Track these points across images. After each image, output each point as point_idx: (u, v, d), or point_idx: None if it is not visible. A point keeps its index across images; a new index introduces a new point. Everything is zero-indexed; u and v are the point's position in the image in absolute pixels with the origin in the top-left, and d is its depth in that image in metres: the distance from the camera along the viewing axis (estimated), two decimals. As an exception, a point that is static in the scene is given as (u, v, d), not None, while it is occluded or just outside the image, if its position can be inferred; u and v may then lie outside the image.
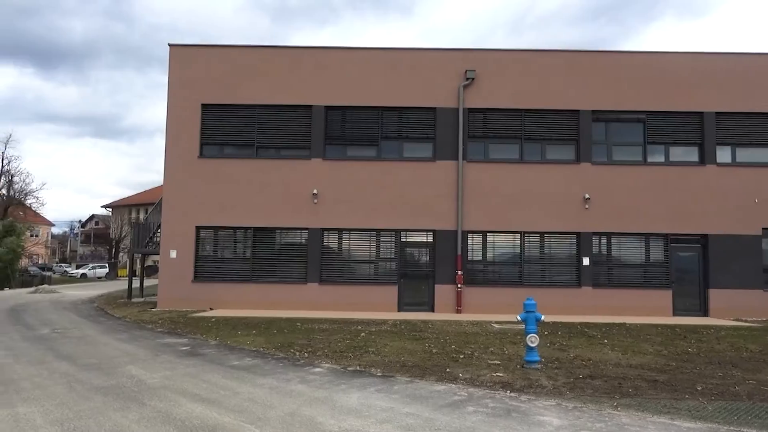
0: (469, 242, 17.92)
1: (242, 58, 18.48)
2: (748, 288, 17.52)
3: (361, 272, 17.99)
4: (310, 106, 18.23)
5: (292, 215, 17.93)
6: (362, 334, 12.32)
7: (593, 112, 18.13)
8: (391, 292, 17.67)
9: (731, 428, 5.81)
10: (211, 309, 17.29)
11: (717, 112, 18.05)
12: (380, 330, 13.04)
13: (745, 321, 16.49)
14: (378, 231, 17.96)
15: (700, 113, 18.08)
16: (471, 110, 18.13)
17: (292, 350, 10.18)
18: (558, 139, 18.22)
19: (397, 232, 17.95)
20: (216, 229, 18.19)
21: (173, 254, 17.90)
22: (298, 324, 13.94)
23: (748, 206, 17.76)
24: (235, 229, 18.22)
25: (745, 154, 18.24)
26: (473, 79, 18.04)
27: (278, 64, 18.39)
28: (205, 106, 18.32)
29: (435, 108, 18.13)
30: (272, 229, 18.13)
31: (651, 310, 17.38)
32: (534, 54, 18.51)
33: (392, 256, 17.94)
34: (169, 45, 18.60)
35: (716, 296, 17.57)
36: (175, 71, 18.41)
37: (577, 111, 18.11)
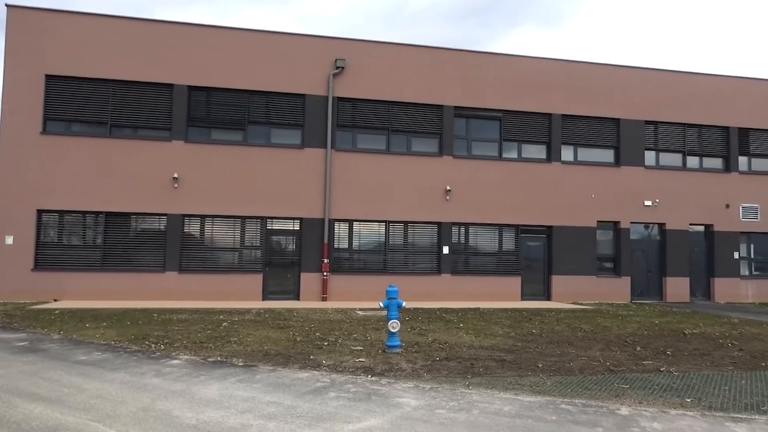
0: (336, 230, 18.08)
1: (96, 28, 17.00)
2: (585, 274, 19.50)
3: (224, 260, 17.45)
4: (171, 85, 17.25)
5: (150, 200, 16.90)
6: (224, 323, 11.99)
7: (456, 107, 19.04)
8: (255, 281, 17.34)
9: (565, 399, 6.46)
10: (55, 300, 15.84)
11: (563, 114, 19.78)
12: (243, 319, 12.77)
13: (581, 304, 18.33)
14: (243, 218, 17.51)
15: (549, 114, 19.70)
16: (340, 99, 18.24)
17: (147, 342, 9.64)
18: (423, 132, 18.93)
19: (263, 220, 17.63)
20: (62, 213, 16.64)
21: (9, 240, 16.13)
22: (155, 315, 13.22)
23: (587, 201, 19.71)
24: (84, 213, 16.79)
25: (585, 154, 20.18)
26: (343, 68, 18.14)
27: (138, 38, 17.16)
28: (50, 78, 16.62)
29: (304, 95, 17.99)
30: (127, 215, 16.96)
31: (503, 295, 18.73)
32: (403, 48, 19.00)
33: (257, 244, 17.59)
34: (7, 6, 16.62)
35: (558, 282, 19.34)
36: (13, 36, 16.50)
37: (441, 106, 18.92)
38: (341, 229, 18.17)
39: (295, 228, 17.89)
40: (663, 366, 8.43)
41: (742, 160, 21.31)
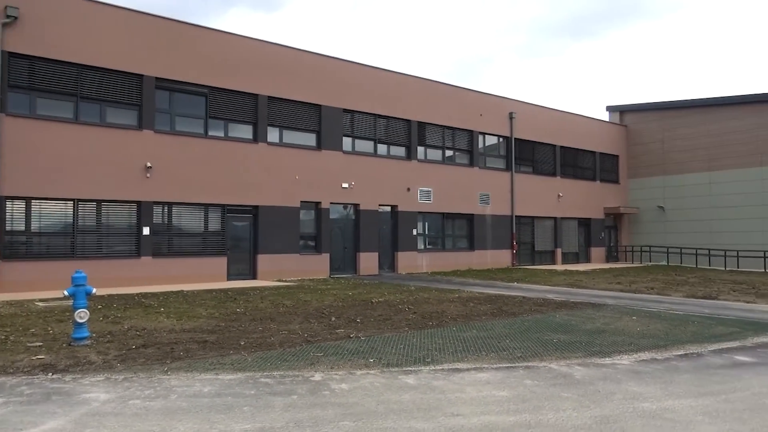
0: (9, 210, 15.41)
1: None
2: (289, 252, 20.38)
3: None
4: None
5: None
6: None
7: (158, 79, 17.85)
8: None
9: (264, 373, 6.70)
10: None
11: (270, 96, 20.18)
12: None
13: (286, 281, 19.15)
14: None
15: (256, 95, 19.89)
16: (12, 55, 15.47)
17: None
18: (120, 102, 17.30)
19: None
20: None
21: None
22: None
23: (291, 182, 20.55)
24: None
25: (290, 137, 20.97)
26: (16, 17, 15.40)
27: None
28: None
29: (-38, 45, 14.78)
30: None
31: (208, 276, 18.42)
32: (98, 6, 16.94)
33: None
34: None
35: (264, 261, 19.82)
36: None
37: (142, 76, 17.53)
38: (16, 208, 15.56)
39: (-49, 207, 14.68)
40: (353, 333, 9.36)
41: (420, 150, 24.72)
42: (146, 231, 17.44)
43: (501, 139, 28.01)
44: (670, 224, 31.80)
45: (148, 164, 17.43)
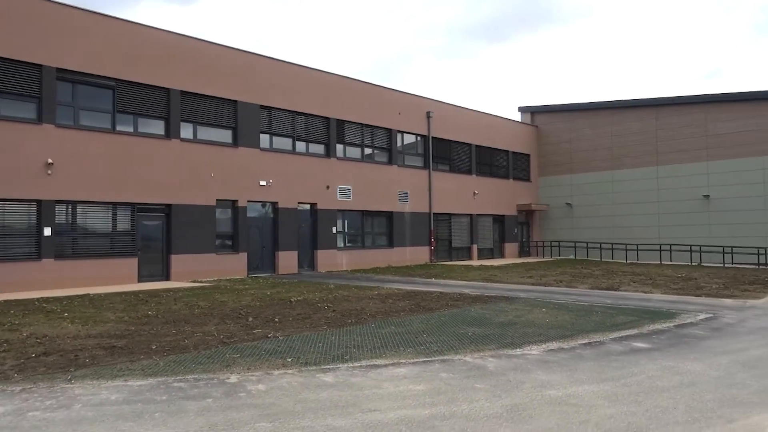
0: None
1: None
2: (205, 252, 19.78)
3: None
4: None
5: None
6: None
7: (59, 69, 16.79)
8: None
9: (177, 377, 6.49)
10: None
11: (183, 91, 19.47)
12: None
13: (201, 282, 18.58)
14: None
15: (168, 89, 19.13)
16: None
17: None
18: (15, 93, 16.13)
19: None
20: None
21: None
22: None
23: (207, 179, 19.94)
24: None
25: (205, 133, 20.34)
26: None
27: None
28: None
29: None
30: None
31: (118, 278, 17.55)
32: (-14, -11, 15.72)
33: None
34: None
35: (177, 261, 19.13)
36: None
37: (41, 66, 16.42)
38: None
39: None
40: (271, 332, 9.23)
41: (339, 148, 24.69)
42: (47, 232, 16.36)
43: (419, 138, 28.49)
44: (577, 220, 33.54)
45: (49, 160, 16.37)
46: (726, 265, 26.12)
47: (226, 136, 20.88)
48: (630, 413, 5.30)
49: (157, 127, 19.13)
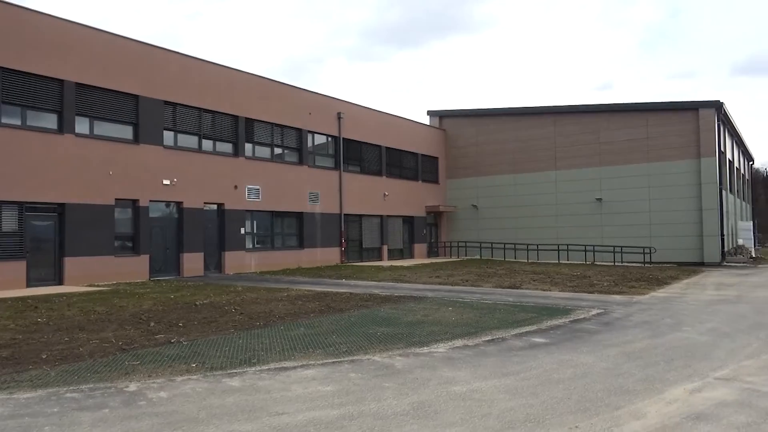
0: None
1: None
2: (102, 255, 18.69)
3: None
4: None
5: None
6: None
7: (-66, 55, 15.31)
8: None
9: (71, 387, 6.10)
10: None
11: (78, 83, 18.30)
12: None
13: (98, 285, 17.55)
14: None
15: (61, 80, 17.92)
16: None
17: None
18: None
19: None
20: None
21: None
22: None
23: (104, 178, 18.86)
24: None
25: (103, 128, 19.22)
26: None
27: None
28: None
29: None
30: None
31: (3, 283, 16.21)
32: None
33: None
34: None
35: (72, 264, 17.95)
36: None
37: None
38: None
39: None
40: (174, 337, 8.89)
41: (248, 147, 24.17)
42: None
43: (330, 139, 28.45)
44: (482, 221, 34.78)
45: None
46: (616, 264, 28.07)
47: (126, 132, 19.85)
48: (528, 405, 5.59)
49: (50, 120, 17.87)
